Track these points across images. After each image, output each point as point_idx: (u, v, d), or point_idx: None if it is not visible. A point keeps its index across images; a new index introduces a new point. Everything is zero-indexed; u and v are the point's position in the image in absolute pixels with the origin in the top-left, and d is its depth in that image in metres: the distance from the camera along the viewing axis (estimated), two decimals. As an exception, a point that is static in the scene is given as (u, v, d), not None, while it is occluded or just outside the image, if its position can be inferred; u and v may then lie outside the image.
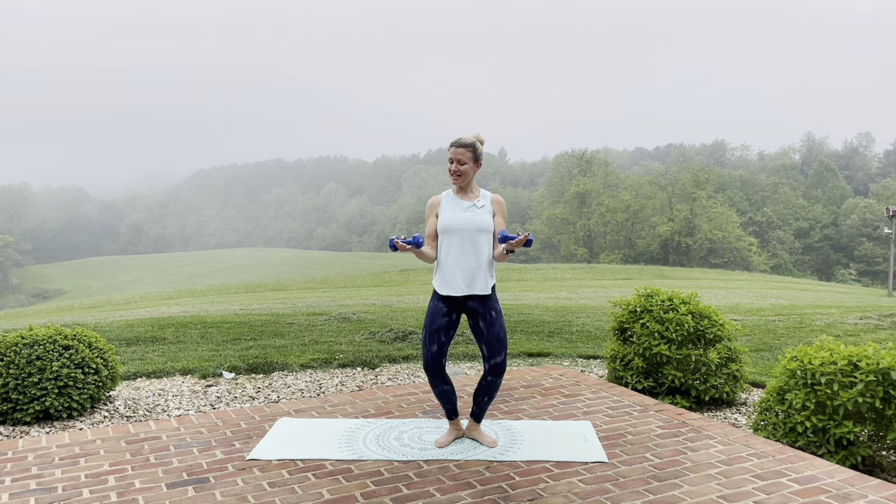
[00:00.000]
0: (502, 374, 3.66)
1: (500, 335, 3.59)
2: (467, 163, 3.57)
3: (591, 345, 7.40)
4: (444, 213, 3.61)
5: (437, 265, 3.64)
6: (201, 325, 9.00)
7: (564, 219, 62.15)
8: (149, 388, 5.43)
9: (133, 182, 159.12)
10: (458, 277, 3.54)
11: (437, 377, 3.64)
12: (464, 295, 3.57)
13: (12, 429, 4.34)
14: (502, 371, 3.64)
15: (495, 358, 3.60)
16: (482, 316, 3.59)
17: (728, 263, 53.93)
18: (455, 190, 3.66)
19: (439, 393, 3.71)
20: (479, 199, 3.63)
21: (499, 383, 3.68)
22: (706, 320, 4.97)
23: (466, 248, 3.54)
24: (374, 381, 5.62)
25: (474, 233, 3.55)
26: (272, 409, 4.52)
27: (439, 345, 3.59)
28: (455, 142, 3.58)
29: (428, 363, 3.62)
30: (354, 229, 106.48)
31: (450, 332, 3.62)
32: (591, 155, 66.69)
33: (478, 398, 3.76)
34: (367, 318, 9.73)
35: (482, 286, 3.56)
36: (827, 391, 3.71)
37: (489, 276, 3.59)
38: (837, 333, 8.47)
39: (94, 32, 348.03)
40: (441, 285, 3.59)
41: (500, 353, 3.60)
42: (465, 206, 3.59)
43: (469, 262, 3.54)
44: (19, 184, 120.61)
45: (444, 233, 3.58)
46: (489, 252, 3.60)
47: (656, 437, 3.87)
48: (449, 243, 3.57)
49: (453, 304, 3.61)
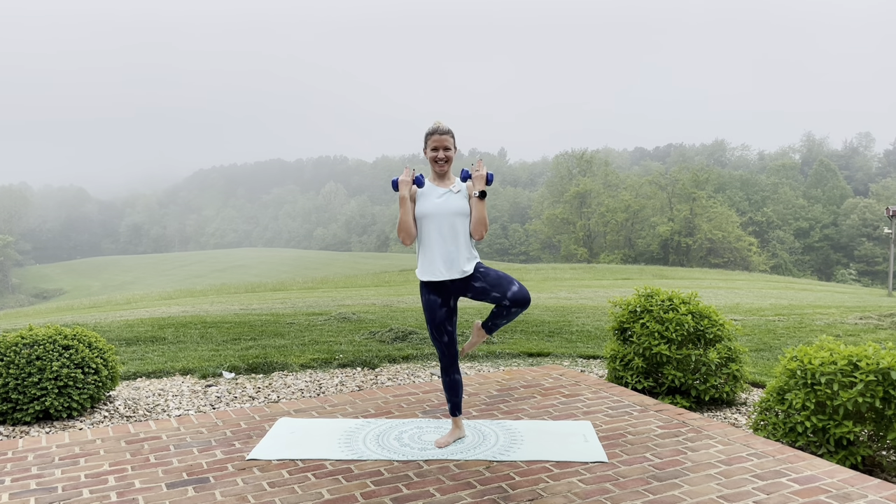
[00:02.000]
0: (527, 303, 3.53)
1: (500, 274, 3.59)
2: (451, 148, 3.64)
3: (591, 345, 7.40)
4: (420, 201, 3.65)
5: (419, 252, 3.69)
6: (201, 325, 9.00)
7: (564, 219, 62.18)
8: (149, 388, 5.43)
9: (133, 182, 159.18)
10: (439, 262, 3.58)
11: (452, 364, 3.72)
12: (447, 279, 3.59)
13: (12, 429, 4.34)
14: (525, 299, 3.51)
15: (510, 289, 3.51)
16: (473, 278, 3.60)
17: (728, 263, 53.93)
18: (432, 178, 3.71)
19: (450, 382, 3.74)
20: (455, 185, 3.67)
21: (520, 312, 3.59)
22: (706, 320, 4.97)
23: (445, 232, 3.58)
24: (374, 381, 5.62)
25: (452, 217, 3.59)
26: (272, 409, 4.52)
27: (448, 334, 3.67)
28: (437, 129, 3.61)
29: (444, 353, 3.69)
30: (354, 229, 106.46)
31: (452, 318, 3.69)
32: (591, 155, 66.76)
33: (495, 318, 3.66)
34: (367, 318, 9.73)
35: (462, 268, 3.58)
36: (827, 391, 3.71)
37: (469, 256, 3.62)
38: (837, 333, 8.47)
39: (94, 33, 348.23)
40: (423, 272, 3.63)
41: (512, 283, 3.53)
42: (440, 193, 3.64)
43: (448, 245, 3.57)
44: (19, 184, 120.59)
45: (421, 219, 3.63)
46: (465, 235, 3.62)
47: (656, 437, 3.87)
48: (428, 229, 3.61)
49: (443, 291, 3.64)
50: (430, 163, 3.67)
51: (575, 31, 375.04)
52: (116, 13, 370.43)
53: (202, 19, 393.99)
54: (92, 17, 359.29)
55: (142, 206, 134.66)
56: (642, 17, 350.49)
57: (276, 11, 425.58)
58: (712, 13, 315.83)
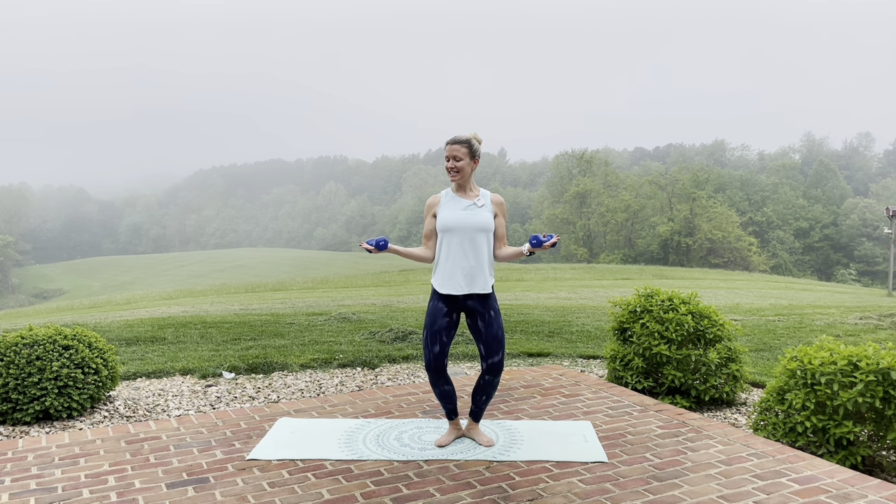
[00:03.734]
0: (500, 374, 3.67)
1: (497, 335, 3.60)
2: (463, 159, 3.57)
3: (591, 345, 7.40)
4: (443, 212, 3.60)
5: (437, 264, 3.64)
6: (201, 325, 9.00)
7: (564, 219, 62.12)
8: (149, 388, 5.43)
9: (133, 182, 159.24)
10: (458, 276, 3.55)
11: (439, 377, 3.65)
12: (464, 294, 3.57)
13: (12, 429, 4.34)
14: (499, 370, 3.66)
15: (493, 357, 3.62)
16: (481, 315, 3.60)
17: (728, 263, 53.92)
18: (454, 188, 3.66)
19: (440, 393, 3.71)
20: (480, 199, 3.63)
21: (496, 382, 3.69)
22: (706, 320, 4.97)
23: (466, 247, 3.54)
24: (373, 381, 5.62)
25: (474, 232, 3.55)
26: (272, 409, 4.52)
27: (441, 345, 3.60)
28: (451, 139, 3.59)
29: (430, 363, 3.62)
30: (354, 229, 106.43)
31: (451, 332, 3.62)
32: (590, 155, 66.65)
33: (476, 397, 3.77)
34: (367, 318, 9.73)
35: (482, 285, 3.56)
36: (827, 391, 3.71)
37: (489, 275, 3.60)
38: (837, 333, 8.47)
39: (94, 33, 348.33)
40: (441, 284, 3.60)
41: (497, 353, 3.61)
42: (464, 205, 3.59)
43: (469, 261, 3.54)
44: (19, 184, 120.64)
45: (443, 231, 3.58)
46: (489, 251, 3.60)
47: (656, 437, 3.87)
48: (449, 242, 3.57)
49: (453, 303, 3.61)
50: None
51: (575, 32, 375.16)
52: (118, 14, 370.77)
53: (203, 20, 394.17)
54: (93, 17, 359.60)
55: (142, 206, 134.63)
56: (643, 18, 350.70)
57: (276, 12, 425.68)
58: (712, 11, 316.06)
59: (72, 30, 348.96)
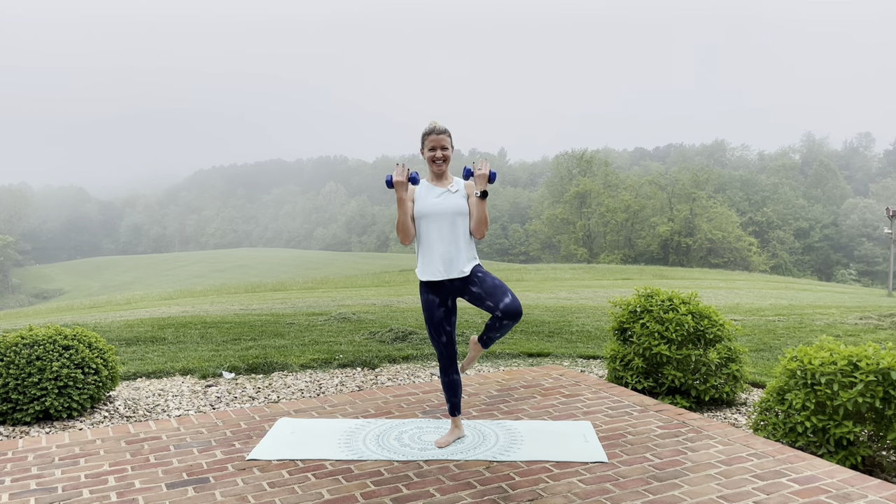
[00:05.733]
0: (518, 316, 3.53)
1: (496, 282, 3.58)
2: (448, 147, 3.66)
3: (591, 345, 7.40)
4: (419, 201, 3.66)
5: (418, 252, 3.70)
6: (201, 326, 9.00)
7: (564, 219, 62.13)
8: (149, 388, 5.43)
9: (133, 182, 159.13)
10: (437, 262, 3.59)
11: (451, 364, 3.73)
12: (447, 279, 3.60)
13: (12, 429, 4.34)
14: (517, 312, 3.51)
15: (503, 300, 3.51)
16: (471, 282, 3.61)
17: (728, 263, 53.93)
18: (430, 178, 3.72)
19: (449, 382, 3.75)
20: (453, 185, 3.69)
21: (512, 325, 3.61)
22: (706, 320, 4.97)
23: (444, 232, 3.59)
24: (373, 381, 5.62)
25: (451, 216, 3.60)
26: (272, 410, 4.52)
27: (447, 334, 3.68)
28: (434, 129, 3.62)
29: (443, 353, 3.70)
30: (354, 229, 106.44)
31: (451, 318, 3.70)
32: (590, 155, 66.63)
33: (489, 331, 3.67)
34: (367, 318, 9.73)
35: (461, 268, 3.59)
36: (827, 391, 3.71)
37: (466, 259, 3.62)
38: (837, 333, 8.47)
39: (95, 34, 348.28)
40: (422, 271, 3.65)
41: (506, 294, 3.53)
42: (438, 193, 3.65)
43: (447, 245, 3.59)
44: (19, 184, 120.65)
45: (420, 218, 3.64)
46: (465, 236, 3.64)
47: (656, 437, 3.87)
48: (427, 229, 3.62)
49: (441, 291, 3.65)
50: (428, 163, 3.67)
51: (575, 32, 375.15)
52: (118, 14, 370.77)
53: (203, 21, 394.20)
54: (93, 17, 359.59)
55: (142, 206, 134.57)
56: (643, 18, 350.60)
57: (276, 13, 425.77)
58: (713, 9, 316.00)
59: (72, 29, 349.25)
